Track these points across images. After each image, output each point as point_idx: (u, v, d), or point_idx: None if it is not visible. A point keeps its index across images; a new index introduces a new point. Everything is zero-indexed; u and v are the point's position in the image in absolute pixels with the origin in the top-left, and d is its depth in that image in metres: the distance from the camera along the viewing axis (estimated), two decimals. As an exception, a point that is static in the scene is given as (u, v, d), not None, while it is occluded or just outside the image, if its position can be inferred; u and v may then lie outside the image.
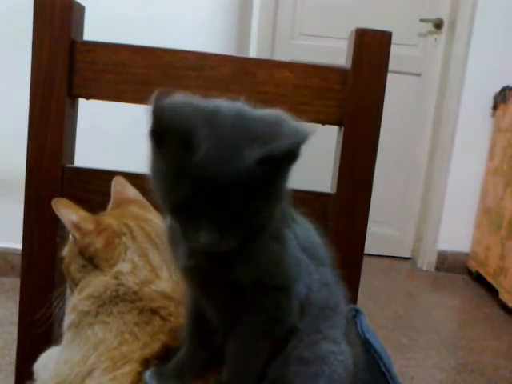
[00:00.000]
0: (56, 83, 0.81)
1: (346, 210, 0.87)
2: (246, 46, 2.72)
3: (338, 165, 0.86)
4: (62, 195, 0.84)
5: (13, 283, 2.16)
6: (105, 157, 1.25)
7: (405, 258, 3.20)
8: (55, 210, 0.64)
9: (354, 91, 0.84)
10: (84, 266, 0.65)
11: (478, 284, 2.83)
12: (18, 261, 2.34)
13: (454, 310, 2.67)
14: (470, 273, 2.96)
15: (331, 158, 0.91)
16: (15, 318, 0.87)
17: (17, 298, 0.87)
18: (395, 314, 2.40)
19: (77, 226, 0.64)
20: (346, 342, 0.54)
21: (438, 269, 3.02)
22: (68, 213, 0.64)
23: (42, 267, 0.86)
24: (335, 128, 0.88)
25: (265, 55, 2.85)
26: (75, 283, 0.67)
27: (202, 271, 0.50)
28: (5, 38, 2.11)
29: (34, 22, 0.79)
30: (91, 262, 0.65)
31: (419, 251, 3.11)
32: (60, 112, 0.82)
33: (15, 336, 0.87)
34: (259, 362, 0.51)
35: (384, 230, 3.09)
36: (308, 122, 0.86)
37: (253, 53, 2.78)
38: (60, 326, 0.88)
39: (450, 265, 3.01)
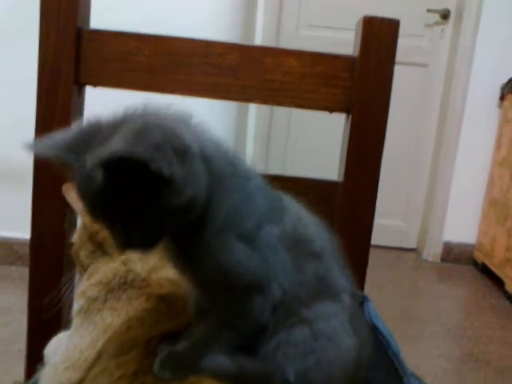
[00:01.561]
0: (63, 71, 0.81)
1: (353, 197, 0.87)
2: (251, 37, 2.72)
3: (345, 152, 0.86)
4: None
5: (20, 272, 2.19)
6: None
7: (410, 249, 3.20)
8: (65, 195, 0.65)
9: (362, 79, 0.83)
10: (93, 252, 0.66)
11: (484, 275, 2.83)
12: (24, 250, 2.37)
13: (460, 300, 2.67)
14: (475, 264, 2.96)
15: (337, 146, 0.91)
16: (24, 306, 0.88)
17: (24, 286, 0.88)
18: (401, 304, 2.40)
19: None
20: (348, 332, 0.54)
21: (443, 260, 3.02)
22: (78, 198, 0.65)
23: (51, 254, 0.87)
24: (341, 116, 0.88)
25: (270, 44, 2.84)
26: (84, 269, 0.67)
27: (178, 263, 0.52)
28: (10, 28, 2.11)
29: (40, 10, 0.80)
30: (100, 247, 0.65)
31: (425, 242, 3.11)
32: (67, 100, 0.82)
33: (25, 323, 0.88)
34: (219, 349, 0.52)
35: (389, 222, 3.09)
36: (315, 109, 0.87)
37: (258, 41, 2.77)
38: (69, 311, 0.89)
39: (456, 256, 3.01)
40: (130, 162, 0.39)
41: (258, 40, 2.80)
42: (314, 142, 3.02)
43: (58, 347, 0.71)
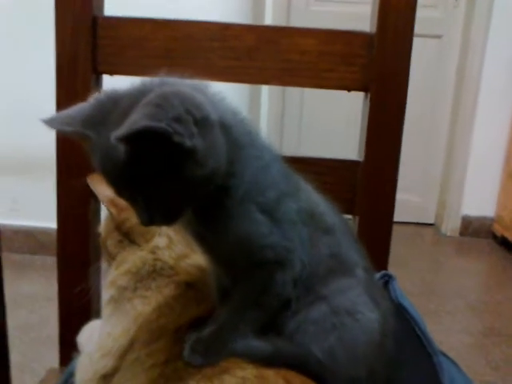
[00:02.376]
0: (80, 61, 0.81)
1: (374, 176, 0.87)
2: (261, 14, 2.68)
3: (365, 131, 0.86)
4: (92, 172, 0.85)
5: (43, 260, 2.22)
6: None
7: (428, 224, 3.19)
8: (91, 186, 0.65)
9: (380, 56, 0.82)
10: (121, 241, 0.66)
11: (504, 248, 2.81)
12: (46, 239, 2.41)
13: (480, 274, 2.66)
14: (495, 237, 2.94)
15: (350, 125, 0.90)
16: (48, 294, 0.90)
17: (48, 274, 0.89)
18: (421, 280, 2.40)
19: (113, 202, 0.65)
20: (367, 304, 0.54)
21: (462, 234, 3.00)
22: (103, 189, 0.65)
23: (77, 243, 0.88)
24: (354, 94, 0.87)
25: (281, 23, 2.80)
26: (112, 258, 0.68)
27: (200, 239, 0.52)
28: (19, 24, 2.11)
29: (56, 1, 0.79)
30: (128, 237, 0.66)
31: (443, 217, 3.09)
32: (86, 89, 0.82)
33: (50, 310, 0.90)
34: (246, 330, 0.52)
35: (407, 197, 3.06)
36: (332, 88, 0.86)
37: (268, 21, 2.73)
38: (98, 299, 0.90)
39: (475, 229, 2.99)
40: (152, 134, 0.38)
41: (268, 17, 2.76)
42: (328, 122, 2.99)
43: (90, 335, 0.72)
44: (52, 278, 2.03)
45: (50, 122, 0.47)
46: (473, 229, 2.99)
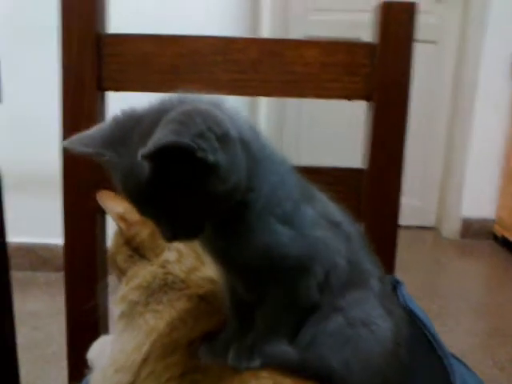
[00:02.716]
0: (86, 78, 0.82)
1: (379, 184, 0.87)
2: (259, 25, 2.69)
3: (368, 140, 0.86)
4: (100, 187, 0.85)
5: (46, 277, 2.21)
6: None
7: (429, 228, 3.19)
8: (100, 202, 0.66)
9: (382, 65, 0.83)
10: (131, 256, 0.67)
11: (505, 249, 2.82)
12: (49, 255, 2.40)
13: (482, 275, 2.67)
14: (495, 238, 2.95)
15: (350, 134, 0.91)
16: (52, 310, 0.90)
17: (51, 291, 0.89)
18: (424, 282, 2.40)
19: (122, 218, 0.66)
20: (383, 316, 0.54)
21: (463, 236, 3.01)
22: (113, 205, 0.66)
23: (84, 259, 0.88)
24: (354, 103, 0.88)
25: (279, 33, 2.81)
26: (122, 273, 0.68)
27: (219, 254, 0.52)
28: (23, 40, 2.12)
29: (61, 18, 0.80)
30: (137, 252, 0.66)
31: (443, 219, 3.10)
32: (92, 106, 0.83)
33: (55, 327, 0.89)
34: (282, 334, 0.53)
35: (406, 200, 3.04)
36: (335, 98, 0.86)
37: (266, 31, 2.74)
38: (105, 315, 0.90)
39: (476, 231, 3.00)
40: (176, 151, 0.39)
41: (266, 27, 2.77)
42: (326, 130, 3.00)
43: (101, 351, 0.72)
44: (55, 294, 2.02)
45: (70, 144, 0.47)
46: (473, 231, 3.00)
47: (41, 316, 1.86)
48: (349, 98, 0.86)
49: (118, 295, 0.68)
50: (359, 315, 0.53)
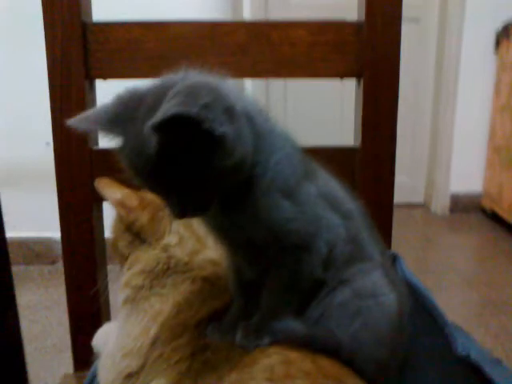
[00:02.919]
0: (73, 68, 0.81)
1: (372, 161, 0.88)
2: (239, 9, 2.67)
3: (359, 117, 0.87)
4: (92, 177, 0.85)
5: (39, 270, 2.20)
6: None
7: (418, 205, 3.22)
8: (98, 189, 0.66)
9: (370, 42, 0.83)
10: (132, 242, 0.67)
11: (494, 222, 2.86)
12: (42, 248, 2.38)
13: (473, 249, 2.70)
14: (484, 212, 2.98)
15: (336, 113, 0.91)
16: (48, 303, 0.89)
17: (46, 283, 0.89)
18: (415, 258, 2.43)
19: (122, 204, 0.66)
20: (387, 286, 0.55)
21: (452, 211, 3.05)
22: (112, 191, 0.66)
23: (82, 250, 0.88)
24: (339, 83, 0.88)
25: (259, 17, 2.79)
26: (124, 258, 0.68)
27: (224, 231, 0.53)
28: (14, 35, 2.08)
29: (43, 8, 0.79)
30: (139, 236, 0.66)
31: (432, 196, 3.13)
32: (80, 96, 0.82)
33: (52, 320, 0.89)
34: (285, 311, 0.53)
35: (395, 178, 3.09)
36: (326, 77, 0.87)
37: (246, 15, 2.72)
38: (106, 303, 0.91)
39: (464, 206, 3.04)
40: (183, 122, 0.39)
41: (247, 11, 2.75)
42: (313, 111, 3.00)
43: (106, 338, 0.73)
44: (50, 286, 2.01)
45: (75, 123, 0.47)
46: (462, 205, 3.04)
47: (37, 309, 1.86)
48: (340, 76, 0.87)
49: (122, 281, 0.68)
50: (366, 285, 0.53)
